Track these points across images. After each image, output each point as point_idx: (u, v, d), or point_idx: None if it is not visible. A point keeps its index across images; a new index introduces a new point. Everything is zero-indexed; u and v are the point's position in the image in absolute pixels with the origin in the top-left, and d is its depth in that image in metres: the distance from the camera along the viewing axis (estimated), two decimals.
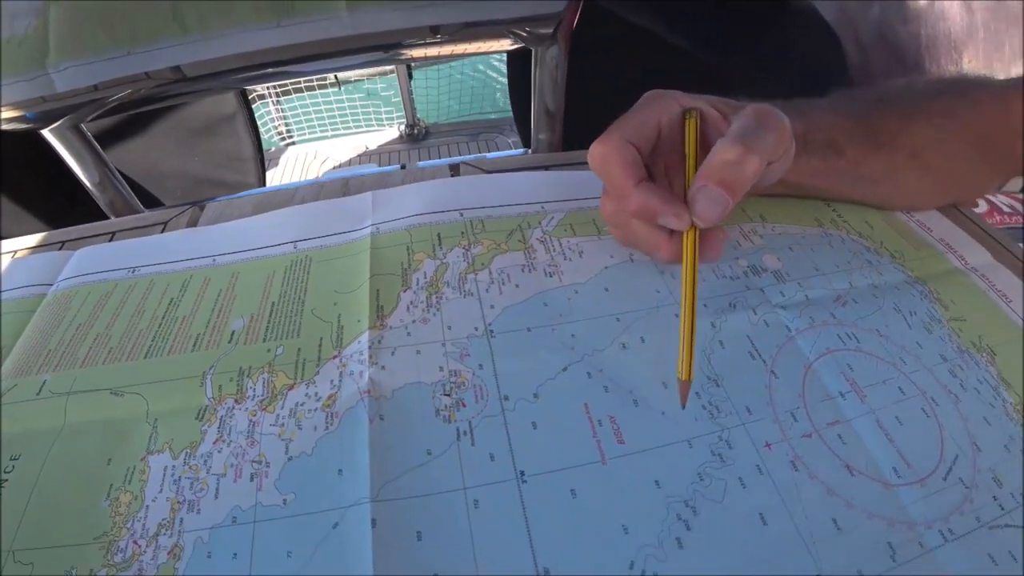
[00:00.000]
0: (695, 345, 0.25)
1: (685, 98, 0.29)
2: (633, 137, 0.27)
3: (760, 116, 0.26)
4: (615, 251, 0.31)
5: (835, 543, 0.21)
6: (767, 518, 0.22)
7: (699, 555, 0.21)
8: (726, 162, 0.25)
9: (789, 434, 0.24)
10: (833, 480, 0.23)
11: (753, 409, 0.25)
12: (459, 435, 0.24)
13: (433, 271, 0.30)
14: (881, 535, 0.21)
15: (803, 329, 0.28)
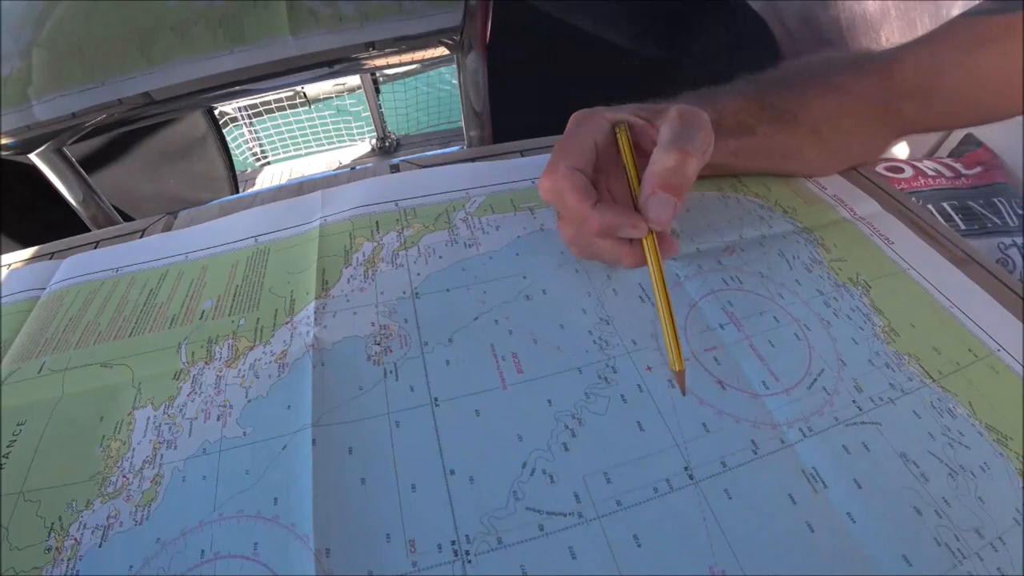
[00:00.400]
0: (677, 337, 0.27)
1: (610, 112, 0.31)
2: (577, 163, 0.29)
3: (686, 117, 0.29)
4: (527, 223, 0.37)
5: (703, 442, 0.26)
6: (644, 425, 0.27)
7: (582, 456, 0.26)
8: (667, 168, 0.28)
9: (665, 348, 0.29)
10: (706, 393, 0.28)
11: (638, 341, 0.30)
12: (385, 374, 0.29)
13: (371, 251, 0.36)
14: (746, 434, 0.27)
15: (691, 275, 0.34)
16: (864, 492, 0.24)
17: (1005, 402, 0.28)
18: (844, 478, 0.25)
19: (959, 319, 0.32)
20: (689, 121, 0.29)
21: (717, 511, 0.24)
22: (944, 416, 0.28)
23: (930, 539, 0.23)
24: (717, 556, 0.22)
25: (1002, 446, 0.27)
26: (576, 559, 0.22)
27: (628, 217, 0.28)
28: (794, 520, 0.23)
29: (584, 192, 0.29)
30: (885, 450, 0.26)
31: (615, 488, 0.24)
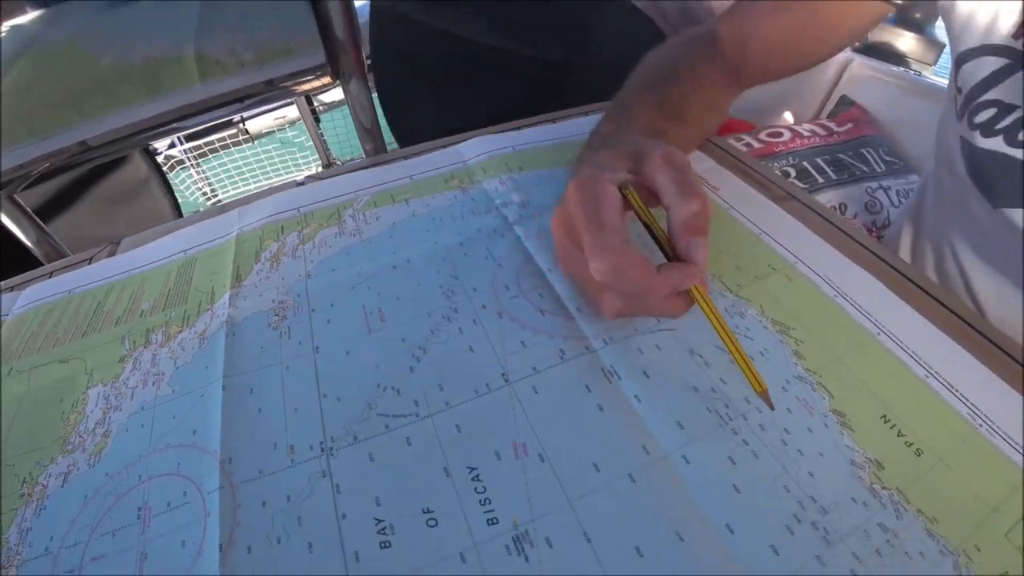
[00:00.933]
0: (749, 362, 0.30)
1: (608, 174, 0.33)
2: (623, 236, 0.30)
3: (673, 162, 0.31)
4: (402, 211, 0.45)
5: (520, 354, 0.34)
6: (474, 349, 0.35)
7: (423, 375, 0.34)
8: (693, 215, 0.30)
9: (501, 298, 0.38)
10: (527, 319, 0.36)
11: (478, 288, 0.39)
12: (281, 335, 0.37)
13: (276, 249, 0.44)
14: (555, 346, 0.35)
15: (530, 235, 0.42)
16: (651, 379, 0.33)
17: (794, 301, 0.37)
18: (636, 371, 0.33)
19: (765, 241, 0.41)
20: (679, 164, 0.31)
21: (524, 402, 0.32)
22: (734, 317, 0.36)
23: (703, 409, 0.31)
24: (520, 433, 0.30)
25: (783, 335, 0.35)
26: (411, 446, 0.30)
27: (686, 271, 0.30)
28: (587, 404, 0.32)
29: (645, 264, 0.29)
30: (675, 348, 0.34)
31: (446, 394, 0.32)
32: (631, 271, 0.29)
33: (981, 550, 0.26)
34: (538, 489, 0.28)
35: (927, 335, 0.36)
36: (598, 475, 0.28)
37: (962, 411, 0.32)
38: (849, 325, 0.36)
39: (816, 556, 0.26)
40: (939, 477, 0.29)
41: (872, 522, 0.27)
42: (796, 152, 0.77)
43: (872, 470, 0.29)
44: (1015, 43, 0.38)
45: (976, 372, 0.34)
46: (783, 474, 0.28)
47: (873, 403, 0.32)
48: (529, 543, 0.26)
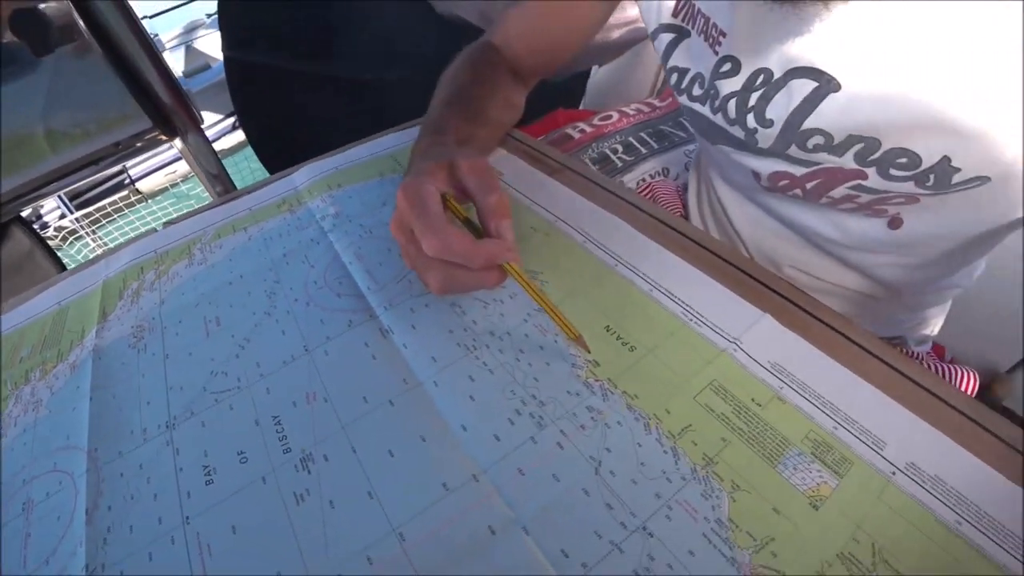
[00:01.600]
0: (560, 314, 0.38)
1: (428, 178, 0.39)
2: (442, 220, 0.37)
3: (475, 167, 0.39)
4: (241, 238, 0.55)
5: (319, 329, 0.43)
6: (286, 332, 0.44)
7: (246, 359, 0.43)
8: (493, 204, 0.38)
9: (310, 291, 0.47)
10: (328, 303, 0.46)
11: (294, 287, 0.48)
12: (139, 352, 0.46)
13: (136, 286, 0.53)
14: (346, 318, 0.44)
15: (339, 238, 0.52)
16: (417, 330, 0.43)
17: (548, 253, 0.47)
18: (406, 326, 0.43)
19: (533, 209, 0.52)
20: (480, 168, 0.40)
21: (318, 362, 0.41)
22: None
23: (454, 345, 0.41)
24: (313, 385, 0.40)
25: (533, 279, 0.45)
26: (232, 410, 0.40)
27: (500, 244, 0.37)
28: (364, 355, 0.41)
29: (467, 237, 0.36)
30: (440, 304, 0.44)
31: (261, 368, 0.42)
32: (456, 244, 0.36)
33: (671, 412, 0.37)
34: (321, 422, 0.38)
35: (660, 257, 0.47)
36: (366, 405, 0.38)
37: (676, 311, 0.43)
38: (592, 263, 0.47)
39: (530, 437, 0.36)
40: (646, 364, 0.39)
41: (581, 406, 0.37)
42: (623, 130, 0.88)
43: (589, 368, 0.39)
44: (676, 19, 0.50)
45: (691, 277, 0.45)
46: (512, 382, 0.39)
47: (600, 319, 0.43)
48: (312, 461, 0.36)
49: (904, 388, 0.37)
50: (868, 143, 0.40)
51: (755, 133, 0.45)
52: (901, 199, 0.42)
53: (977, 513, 0.32)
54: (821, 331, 0.41)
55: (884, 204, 0.43)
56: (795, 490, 0.33)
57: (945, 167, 0.38)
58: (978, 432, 0.35)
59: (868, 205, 0.44)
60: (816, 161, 0.44)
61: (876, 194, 0.42)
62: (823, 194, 0.45)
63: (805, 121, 0.41)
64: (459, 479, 0.34)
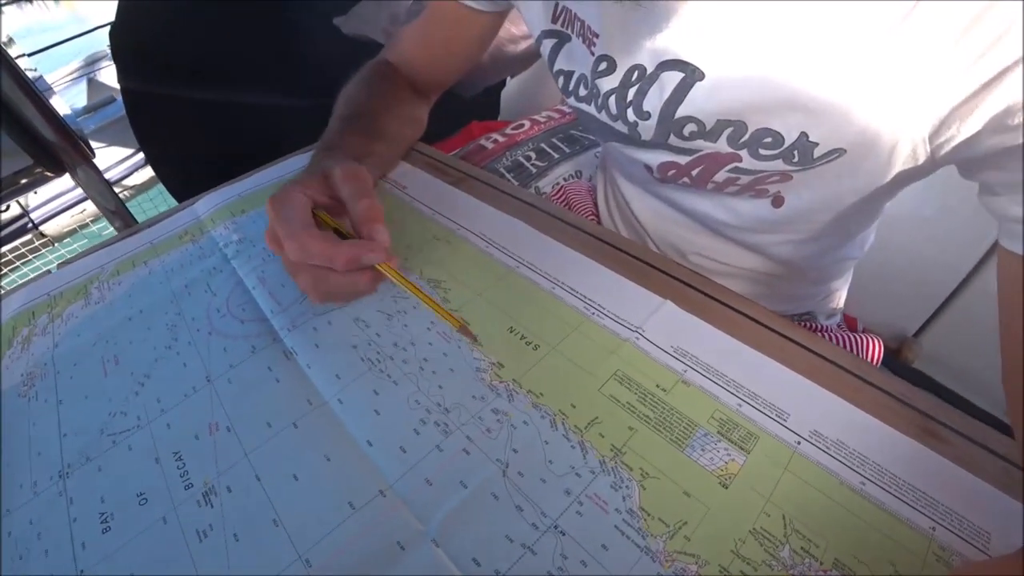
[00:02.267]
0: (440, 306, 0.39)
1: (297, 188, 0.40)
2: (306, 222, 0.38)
3: (349, 174, 0.41)
4: (141, 273, 0.52)
5: (221, 358, 0.42)
6: (187, 364, 0.42)
7: (145, 396, 0.41)
8: (365, 209, 0.39)
9: (213, 320, 0.45)
10: (231, 330, 0.44)
11: (196, 317, 0.46)
12: (29, 400, 0.43)
13: (27, 332, 0.50)
14: (249, 344, 0.43)
15: (242, 264, 0.50)
16: (320, 348, 0.41)
17: (450, 261, 0.47)
18: (310, 345, 0.42)
19: (436, 219, 0.52)
20: (353, 174, 0.41)
21: (220, 392, 0.40)
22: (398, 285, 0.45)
23: (358, 360, 0.40)
24: (215, 415, 0.38)
25: (435, 288, 0.45)
26: (131, 450, 0.38)
27: (364, 245, 0.38)
28: (267, 380, 0.40)
29: (326, 237, 0.37)
30: (343, 320, 0.43)
31: (161, 404, 0.40)
32: (314, 245, 0.36)
33: (576, 406, 0.37)
34: (224, 453, 0.36)
35: (561, 255, 0.47)
36: (269, 430, 0.37)
37: (578, 306, 0.43)
38: (492, 266, 0.47)
39: (436, 446, 0.35)
40: (550, 361, 0.40)
41: (487, 409, 0.37)
42: (535, 137, 0.89)
43: (493, 371, 0.39)
44: (555, 25, 0.50)
45: (591, 271, 0.46)
46: (416, 392, 0.38)
47: (503, 320, 0.42)
48: (215, 494, 0.34)
49: (803, 359, 0.39)
50: (736, 126, 0.41)
51: (636, 127, 0.47)
52: (776, 177, 0.44)
53: (879, 471, 0.33)
54: (721, 312, 0.42)
55: (763, 184, 0.45)
56: (704, 471, 0.33)
57: (805, 143, 0.39)
58: (873, 393, 0.37)
59: (750, 186, 0.46)
60: (695, 148, 0.45)
61: (753, 175, 0.44)
62: (708, 179, 0.47)
63: (678, 110, 0.43)
64: (365, 496, 0.33)
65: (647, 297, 0.43)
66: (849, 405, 0.36)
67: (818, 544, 0.30)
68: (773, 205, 0.48)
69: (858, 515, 0.31)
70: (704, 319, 0.42)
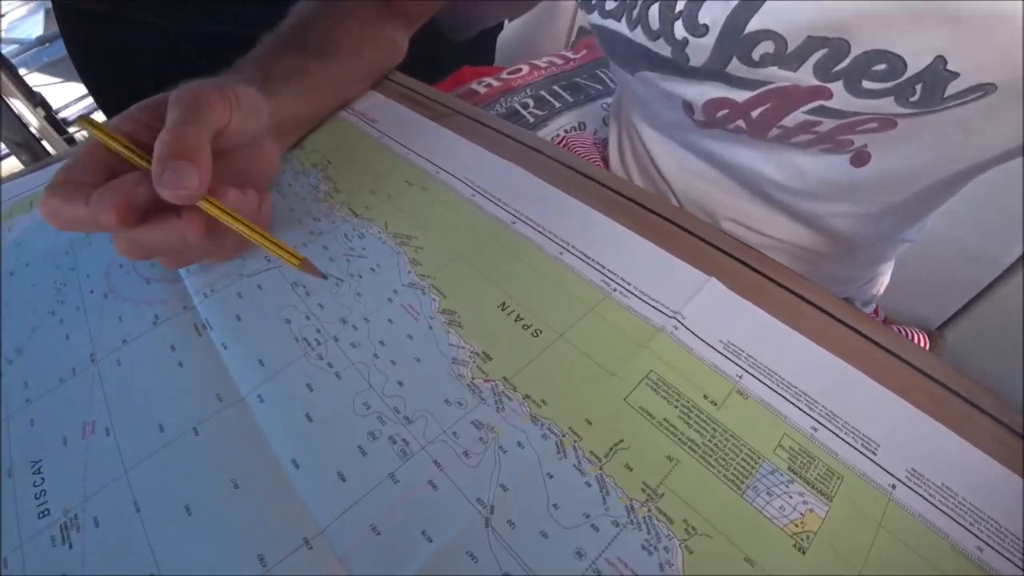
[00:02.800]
0: (272, 241, 0.30)
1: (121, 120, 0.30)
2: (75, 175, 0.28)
3: (184, 97, 0.29)
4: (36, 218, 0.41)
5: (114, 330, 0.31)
6: (71, 336, 0.31)
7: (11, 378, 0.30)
8: (172, 139, 0.27)
9: (112, 278, 0.34)
10: (131, 292, 0.33)
11: (92, 274, 0.35)
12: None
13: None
14: (151, 312, 0.32)
15: None
16: (243, 322, 0.31)
17: (423, 211, 0.37)
18: (230, 317, 0.31)
19: (410, 159, 0.41)
20: (193, 99, 0.29)
21: (105, 378, 0.29)
22: (352, 240, 0.35)
23: (291, 340, 0.30)
24: (93, 411, 0.28)
25: (403, 246, 0.34)
26: None
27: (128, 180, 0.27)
28: (167, 364, 0.29)
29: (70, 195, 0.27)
30: (277, 285, 0.32)
31: (28, 391, 0.29)
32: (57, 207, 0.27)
33: (593, 423, 0.26)
34: (97, 466, 0.26)
35: (572, 212, 0.36)
36: (161, 436, 0.26)
37: (596, 279, 0.32)
38: (480, 220, 0.36)
39: (390, 474, 0.25)
40: (557, 354, 0.29)
41: (465, 421, 0.26)
42: (534, 83, 0.78)
43: (476, 364, 0.29)
44: None
45: (613, 235, 0.35)
46: (367, 390, 0.27)
47: (492, 294, 0.32)
48: (76, 528, 0.24)
49: (892, 370, 0.29)
50: (833, 47, 0.30)
51: (685, 46, 0.35)
52: (873, 124, 0.32)
53: (999, 533, 0.23)
54: (782, 298, 0.32)
55: (850, 133, 0.34)
56: (772, 525, 0.23)
57: (938, 72, 0.28)
58: (986, 423, 0.27)
59: (830, 136, 0.35)
60: (763, 80, 0.33)
61: (842, 118, 0.33)
62: (773, 124, 0.36)
63: (750, 22, 0.31)
64: (284, 546, 0.23)
65: (685, 272, 0.32)
66: (955, 437, 0.26)
67: None
68: (852, 164, 0.37)
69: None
70: (760, 306, 0.31)
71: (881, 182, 0.38)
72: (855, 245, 0.47)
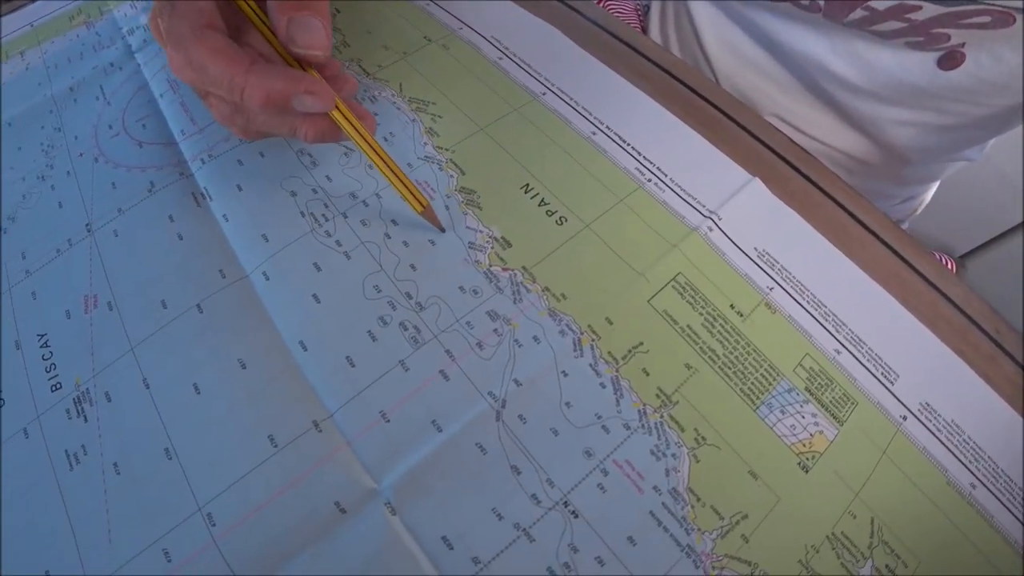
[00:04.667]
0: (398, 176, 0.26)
1: None
2: (204, 20, 0.23)
3: None
4: (14, 67, 0.38)
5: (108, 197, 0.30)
6: (63, 204, 0.30)
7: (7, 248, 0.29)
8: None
9: (101, 140, 0.32)
10: (123, 157, 0.31)
11: (80, 135, 0.33)
12: None
13: None
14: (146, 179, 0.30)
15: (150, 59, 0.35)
16: (244, 192, 0.29)
17: (443, 73, 0.34)
18: (230, 186, 0.29)
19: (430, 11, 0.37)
20: None
21: (102, 249, 0.28)
22: (364, 102, 0.32)
23: (296, 215, 0.28)
24: (94, 284, 0.27)
25: (419, 112, 0.32)
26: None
27: (301, 80, 0.23)
28: (166, 237, 0.28)
29: (232, 54, 0.22)
30: (282, 152, 0.31)
31: (27, 262, 0.29)
32: (210, 62, 0.22)
33: (614, 322, 0.25)
34: (102, 341, 0.26)
35: (608, 86, 0.33)
36: (164, 312, 0.26)
37: (629, 166, 0.30)
38: (508, 88, 0.33)
39: (400, 361, 0.24)
40: (581, 245, 0.28)
41: (480, 311, 0.26)
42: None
43: (494, 250, 0.27)
44: None
45: (652, 116, 0.32)
46: (377, 272, 0.26)
47: (515, 172, 0.30)
48: (89, 402, 0.24)
49: (925, 298, 0.27)
50: None
51: None
52: (986, 18, 0.28)
53: (993, 472, 0.23)
54: (828, 210, 0.30)
55: (952, 26, 0.30)
56: (781, 443, 0.23)
57: None
58: (1003, 363, 0.26)
59: (925, 27, 0.30)
60: None
61: (952, 4, 0.28)
62: (861, 2, 0.31)
63: None
64: (293, 428, 0.23)
65: (729, 168, 0.30)
66: (974, 376, 0.25)
67: (907, 563, 0.22)
68: (940, 65, 0.33)
69: (963, 531, 0.22)
70: (803, 216, 0.29)
71: (968, 90, 0.34)
72: (909, 159, 0.44)
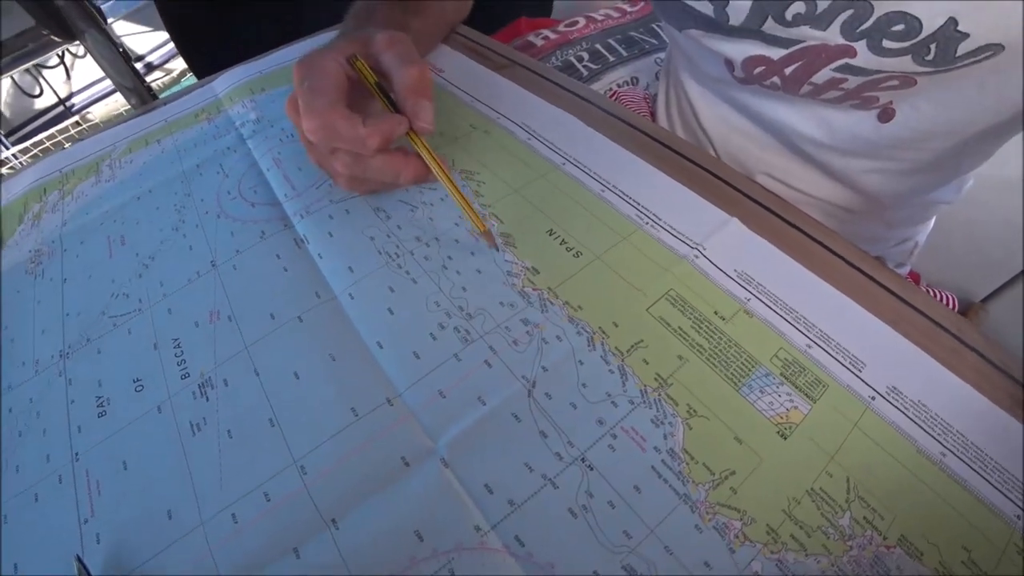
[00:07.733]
0: (469, 203, 0.35)
1: (333, 52, 0.36)
2: (333, 96, 0.33)
3: (395, 40, 0.36)
4: (155, 151, 0.49)
5: (228, 242, 0.39)
6: (193, 247, 0.40)
7: (149, 279, 0.38)
8: (415, 80, 0.34)
9: (222, 202, 0.42)
10: (240, 213, 0.41)
11: (205, 199, 0.43)
12: (36, 278, 0.42)
13: (38, 208, 0.48)
14: (258, 229, 0.39)
15: (259, 144, 0.46)
16: (334, 238, 0.38)
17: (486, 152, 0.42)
18: (323, 234, 0.38)
19: (475, 107, 0.47)
20: (400, 41, 0.36)
21: (224, 278, 0.37)
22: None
23: (374, 252, 0.37)
24: (217, 303, 0.36)
25: (467, 180, 0.41)
26: (131, 334, 0.36)
27: (393, 119, 0.33)
28: (275, 269, 0.37)
29: (352, 117, 0.32)
30: (361, 209, 0.40)
31: (164, 288, 0.38)
32: (340, 125, 0.32)
33: (619, 325, 0.33)
34: (223, 343, 0.34)
35: (614, 155, 0.42)
36: (272, 322, 0.34)
37: (630, 213, 0.38)
38: (536, 161, 0.42)
39: (454, 355, 0.32)
40: (593, 272, 0.35)
41: (515, 319, 0.33)
42: (589, 36, 0.81)
43: (526, 276, 0.35)
44: None
45: (648, 176, 0.40)
46: (436, 292, 0.35)
47: (542, 221, 0.38)
48: (211, 386, 0.32)
49: (890, 306, 0.33)
50: (858, 9, 0.34)
51: (726, 6, 0.39)
52: (895, 81, 0.37)
53: (963, 443, 0.28)
54: (795, 239, 0.37)
55: (875, 90, 0.38)
56: (761, 416, 0.29)
57: (950, 33, 0.32)
58: (969, 357, 0.31)
59: (857, 92, 0.39)
60: (795, 38, 0.38)
61: (866, 75, 0.37)
62: (805, 80, 0.40)
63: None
64: (371, 403, 0.30)
65: (711, 211, 0.38)
66: (938, 365, 0.31)
67: (883, 516, 0.26)
68: (879, 120, 0.41)
69: (934, 489, 0.27)
70: (774, 243, 0.36)
71: (906, 138, 0.42)
72: (885, 204, 0.51)
